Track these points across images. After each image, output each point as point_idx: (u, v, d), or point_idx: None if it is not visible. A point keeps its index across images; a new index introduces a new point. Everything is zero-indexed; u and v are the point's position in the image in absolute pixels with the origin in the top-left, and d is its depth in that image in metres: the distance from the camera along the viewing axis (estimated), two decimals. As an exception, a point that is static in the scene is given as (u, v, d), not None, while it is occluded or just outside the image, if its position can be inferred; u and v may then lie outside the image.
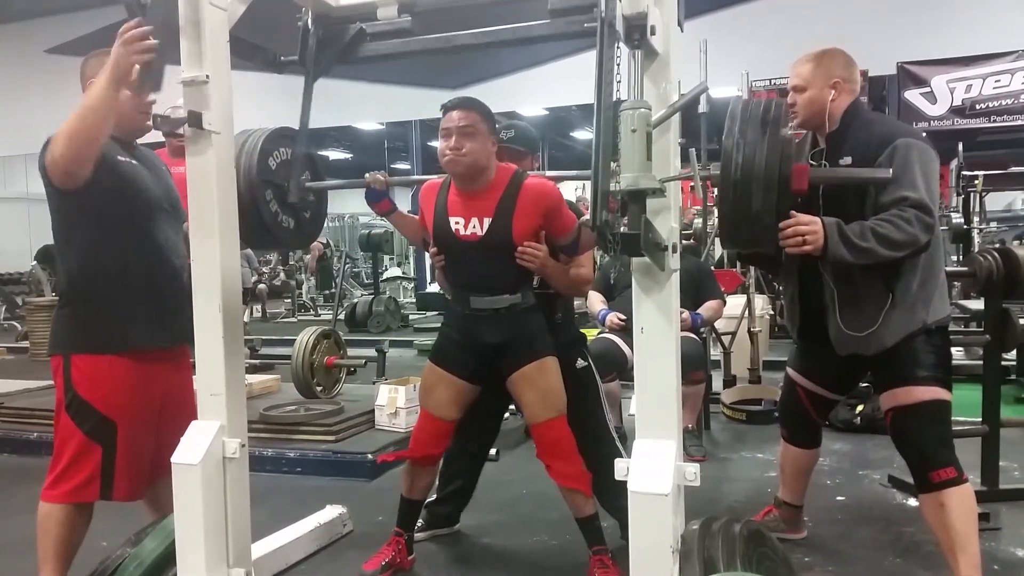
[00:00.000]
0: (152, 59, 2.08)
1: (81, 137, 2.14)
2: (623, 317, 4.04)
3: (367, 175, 2.64)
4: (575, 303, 3.18)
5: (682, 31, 1.98)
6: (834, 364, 2.59)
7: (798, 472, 2.95)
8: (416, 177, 3.17)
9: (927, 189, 2.27)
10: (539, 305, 2.70)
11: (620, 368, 4.03)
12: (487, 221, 2.54)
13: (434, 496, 3.08)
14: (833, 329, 2.48)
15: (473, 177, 2.53)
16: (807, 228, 2.16)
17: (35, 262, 12.14)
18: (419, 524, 3.03)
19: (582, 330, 3.15)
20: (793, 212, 2.17)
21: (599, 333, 4.24)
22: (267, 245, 2.43)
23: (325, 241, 14.44)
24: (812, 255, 2.25)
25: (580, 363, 2.91)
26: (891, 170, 2.22)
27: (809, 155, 2.54)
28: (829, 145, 2.49)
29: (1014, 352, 5.06)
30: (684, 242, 2.55)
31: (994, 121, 6.94)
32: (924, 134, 2.52)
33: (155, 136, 2.42)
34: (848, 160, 2.39)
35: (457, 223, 2.58)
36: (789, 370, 2.85)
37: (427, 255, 2.83)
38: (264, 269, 13.03)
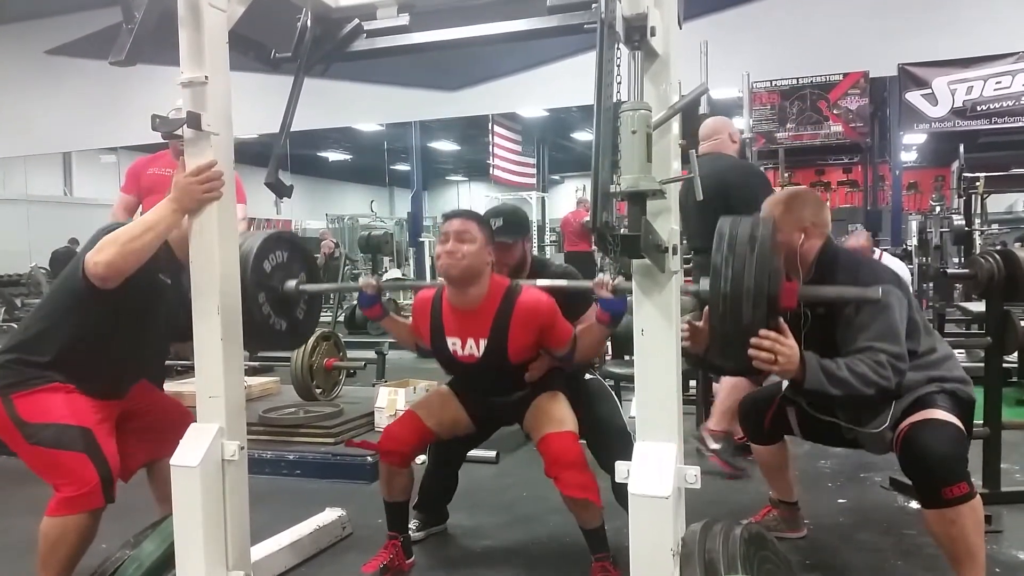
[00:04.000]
0: (220, 196, 2.24)
1: (132, 253, 2.23)
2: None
3: (360, 279, 2.70)
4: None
5: (680, 28, 1.98)
6: (827, 427, 2.60)
7: (772, 469, 2.96)
8: (409, 282, 3.21)
9: (899, 337, 2.29)
10: None
11: None
12: (483, 343, 2.59)
13: (416, 500, 3.06)
14: (863, 438, 2.51)
15: (467, 282, 2.53)
16: (783, 348, 2.11)
17: (35, 264, 12.14)
18: (416, 525, 3.06)
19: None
20: (783, 323, 2.14)
21: None
22: (257, 347, 2.47)
23: (336, 241, 14.43)
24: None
25: (588, 375, 2.94)
26: (880, 289, 2.18)
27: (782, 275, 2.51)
28: None
29: (1015, 354, 5.05)
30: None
31: (995, 123, 6.92)
32: (895, 274, 2.54)
33: (156, 137, 2.41)
34: (821, 311, 2.40)
35: (454, 344, 2.64)
36: (784, 393, 2.77)
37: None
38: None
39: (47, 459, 2.31)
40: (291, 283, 2.65)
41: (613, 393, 2.97)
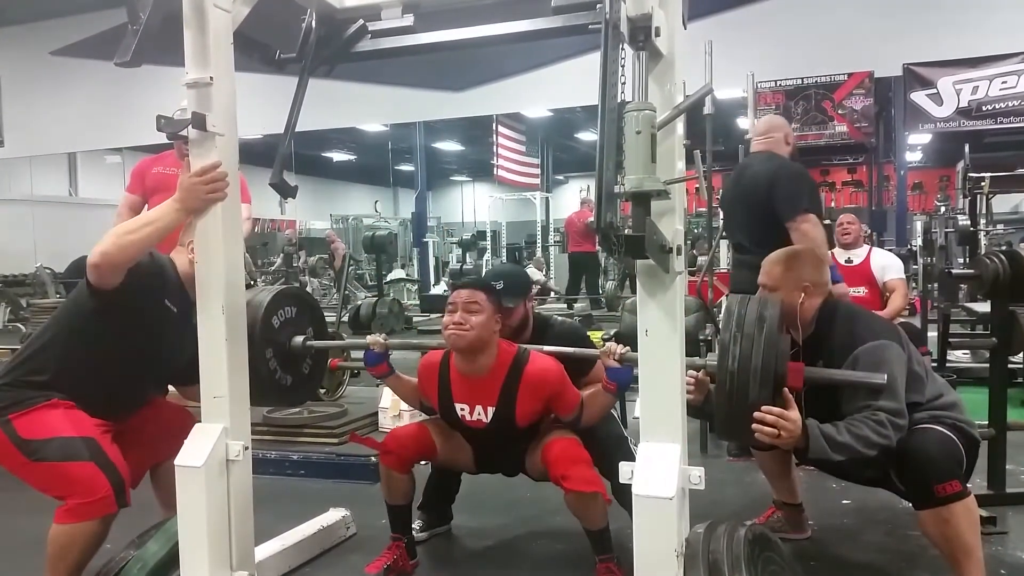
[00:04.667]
0: (225, 197, 2.23)
1: (130, 245, 2.21)
2: None
3: (368, 337, 2.74)
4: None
5: (685, 29, 1.97)
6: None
7: (774, 472, 2.96)
8: (415, 342, 3.25)
9: (898, 394, 2.29)
10: None
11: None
12: (491, 410, 2.61)
13: (420, 501, 3.06)
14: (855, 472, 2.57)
15: (475, 352, 2.55)
16: (787, 424, 2.10)
17: (40, 264, 12.16)
18: (419, 525, 3.05)
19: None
20: (788, 395, 2.13)
21: None
22: (262, 403, 2.46)
23: (343, 242, 14.49)
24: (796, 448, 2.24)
25: None
26: (884, 376, 2.23)
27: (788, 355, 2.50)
28: (807, 349, 2.49)
29: (1021, 355, 5.03)
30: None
31: (1001, 123, 6.90)
32: (893, 327, 2.54)
33: (160, 138, 2.42)
34: (820, 363, 2.42)
35: (462, 409, 2.66)
36: None
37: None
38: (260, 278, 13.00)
39: (54, 473, 2.28)
40: (298, 339, 2.68)
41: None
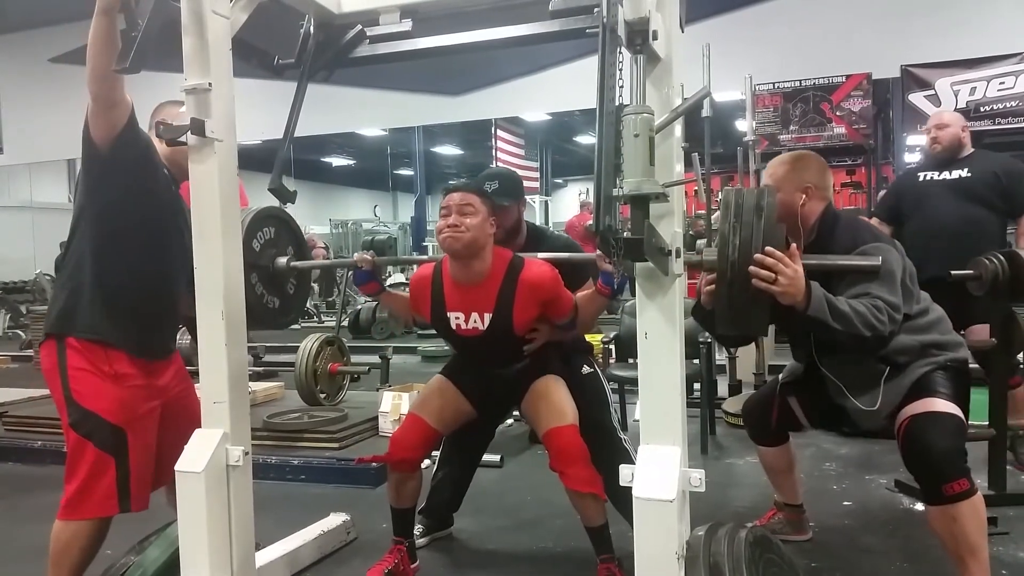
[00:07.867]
0: None
1: (93, 69, 2.17)
2: None
3: (355, 255, 2.68)
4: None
5: (682, 32, 1.98)
6: (827, 402, 2.60)
7: (777, 471, 2.96)
8: (405, 257, 3.26)
9: (895, 288, 2.32)
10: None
11: None
12: (487, 316, 2.58)
13: (423, 505, 3.06)
14: (856, 414, 2.50)
15: (471, 256, 2.51)
16: (786, 269, 2.04)
17: (39, 270, 12.17)
18: (420, 530, 3.05)
19: (588, 337, 3.15)
20: (794, 249, 2.12)
21: None
22: (251, 327, 2.44)
23: (324, 244, 14.45)
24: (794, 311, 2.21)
25: (586, 369, 2.93)
26: (879, 259, 2.25)
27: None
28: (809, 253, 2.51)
29: (1021, 355, 5.02)
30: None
31: (999, 123, 6.90)
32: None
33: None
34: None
35: (457, 318, 2.62)
36: (782, 382, 2.84)
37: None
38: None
39: (75, 445, 2.30)
40: (282, 260, 2.67)
41: (608, 390, 2.99)
